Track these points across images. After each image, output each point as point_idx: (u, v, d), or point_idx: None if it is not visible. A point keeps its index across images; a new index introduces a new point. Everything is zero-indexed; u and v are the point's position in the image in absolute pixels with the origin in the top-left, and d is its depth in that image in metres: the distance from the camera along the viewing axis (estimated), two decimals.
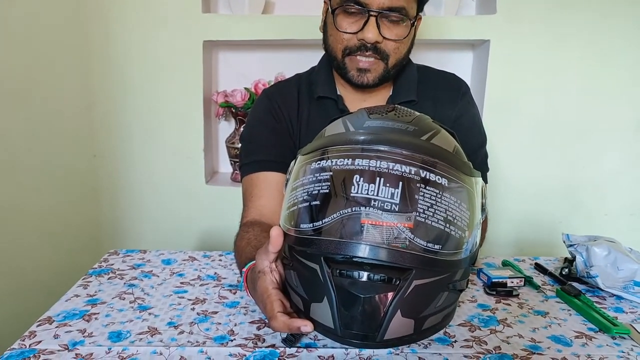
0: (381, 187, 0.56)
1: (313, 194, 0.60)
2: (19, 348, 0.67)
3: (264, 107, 1.06)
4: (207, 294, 0.85)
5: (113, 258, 1.00)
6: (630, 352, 0.69)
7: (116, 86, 1.68)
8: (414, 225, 0.56)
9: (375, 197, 0.56)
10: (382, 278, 0.57)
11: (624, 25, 1.64)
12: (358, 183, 0.57)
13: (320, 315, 0.60)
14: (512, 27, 1.63)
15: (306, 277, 0.62)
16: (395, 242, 0.56)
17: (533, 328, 0.76)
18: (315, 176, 0.61)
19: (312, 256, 0.60)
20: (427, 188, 0.57)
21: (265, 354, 0.67)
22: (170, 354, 0.66)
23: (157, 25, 1.63)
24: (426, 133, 0.63)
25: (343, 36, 0.93)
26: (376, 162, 0.58)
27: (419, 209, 0.56)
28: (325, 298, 0.59)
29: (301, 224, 0.60)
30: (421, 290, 0.58)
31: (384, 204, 0.56)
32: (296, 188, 0.63)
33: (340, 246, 0.56)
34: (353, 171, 0.58)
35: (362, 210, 0.56)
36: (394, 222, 0.55)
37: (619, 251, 0.92)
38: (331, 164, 0.60)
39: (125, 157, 1.73)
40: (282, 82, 1.13)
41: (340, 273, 0.58)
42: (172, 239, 1.74)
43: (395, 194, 0.56)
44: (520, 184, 1.75)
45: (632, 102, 1.70)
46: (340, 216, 0.57)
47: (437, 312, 0.62)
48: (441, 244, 0.58)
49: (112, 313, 0.77)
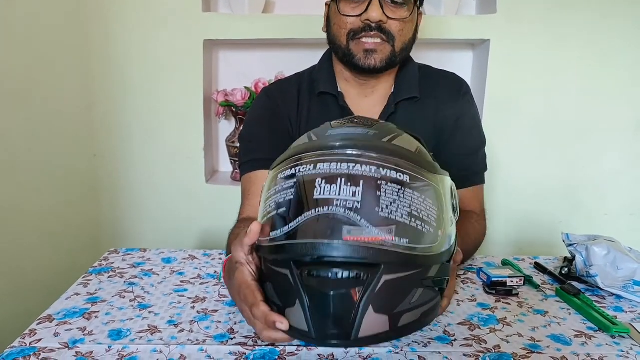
0: (342, 187, 0.57)
1: (279, 203, 0.61)
2: (19, 346, 0.67)
3: (263, 105, 1.06)
4: (207, 293, 0.85)
5: (113, 256, 1.00)
6: (629, 351, 0.69)
7: (116, 85, 1.68)
8: (378, 220, 0.57)
9: (337, 197, 0.57)
10: (351, 275, 0.57)
11: (624, 26, 1.64)
12: (320, 186, 0.58)
13: (294, 319, 0.61)
14: (513, 27, 1.63)
15: (279, 284, 0.63)
16: (360, 236, 0.56)
17: (532, 327, 0.76)
18: (281, 186, 0.62)
19: (283, 262, 0.61)
20: (389, 185, 0.58)
21: (265, 352, 0.67)
22: (170, 352, 0.67)
23: (157, 25, 1.63)
24: (387, 136, 0.64)
25: (347, 20, 0.94)
26: (337, 165, 0.59)
27: (381, 205, 0.57)
28: (297, 301, 0.59)
29: (271, 232, 0.62)
30: (392, 285, 0.59)
31: (346, 203, 0.57)
32: (266, 200, 0.65)
33: (306, 247, 0.57)
34: (315, 175, 0.59)
35: (325, 210, 0.57)
36: (357, 218, 0.56)
37: (618, 250, 0.92)
38: (295, 171, 0.61)
39: (126, 156, 1.73)
40: (282, 80, 1.13)
41: (309, 274, 0.58)
42: (172, 238, 1.74)
43: (357, 192, 0.57)
44: (520, 183, 1.75)
45: (631, 102, 1.71)
46: (305, 219, 0.58)
47: (412, 308, 0.62)
48: (407, 239, 0.58)
49: (112, 311, 0.78)
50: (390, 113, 1.02)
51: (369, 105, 1.04)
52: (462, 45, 1.78)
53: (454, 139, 1.04)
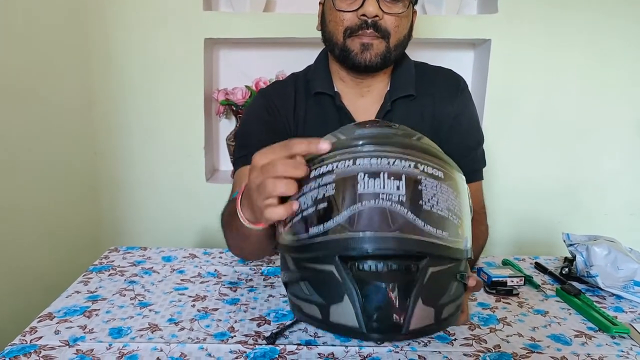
0: (386, 181, 0.57)
1: (318, 199, 0.59)
2: (19, 343, 0.67)
3: (260, 104, 1.06)
4: (208, 291, 0.85)
5: (113, 255, 1.00)
6: (629, 352, 0.70)
7: (116, 84, 1.68)
8: (423, 213, 0.57)
9: (382, 190, 0.57)
10: (401, 267, 0.58)
11: (625, 25, 1.64)
12: (364, 180, 0.58)
13: (341, 316, 0.59)
14: (514, 27, 1.63)
15: (321, 281, 0.61)
16: (407, 229, 0.57)
17: (533, 327, 0.76)
18: (317, 182, 0.60)
19: (325, 259, 0.59)
20: (428, 180, 0.59)
21: (265, 351, 0.67)
22: (170, 350, 0.67)
23: (157, 23, 1.63)
24: (414, 135, 0.65)
25: (343, 16, 0.94)
26: (377, 160, 0.59)
27: (423, 198, 0.58)
28: (345, 296, 0.58)
29: (310, 228, 0.60)
30: (436, 277, 0.59)
31: (391, 196, 0.57)
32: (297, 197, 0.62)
33: (355, 241, 0.57)
34: (356, 171, 0.59)
35: (372, 204, 0.57)
36: (404, 212, 0.57)
37: (619, 251, 0.92)
38: (332, 168, 0.60)
39: (126, 155, 1.73)
40: (278, 82, 1.13)
41: (358, 268, 0.58)
42: (173, 237, 1.74)
43: (401, 186, 0.57)
44: (521, 183, 1.75)
45: (632, 101, 1.71)
46: (350, 213, 0.57)
47: (451, 301, 0.62)
48: (448, 231, 0.59)
49: (112, 309, 0.78)
50: (386, 111, 1.01)
51: (365, 104, 1.03)
52: (463, 44, 1.78)
53: (452, 136, 1.03)
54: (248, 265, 0.97)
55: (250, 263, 0.98)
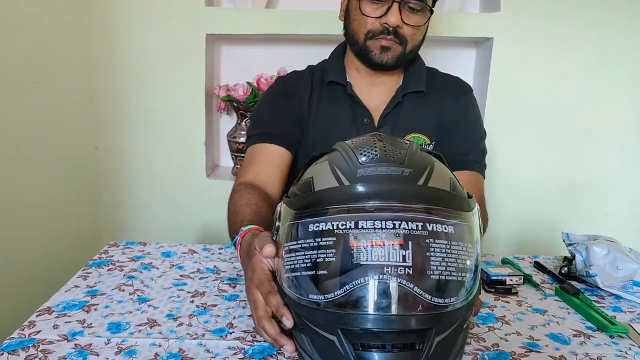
0: (391, 252, 0.54)
1: (318, 262, 0.57)
2: (18, 337, 0.67)
3: (277, 89, 1.15)
4: (207, 287, 0.85)
5: (113, 250, 1.00)
6: (628, 351, 0.69)
7: (118, 79, 1.67)
8: (430, 285, 0.55)
9: (387, 262, 0.54)
10: (405, 345, 0.56)
11: (628, 24, 1.64)
12: (366, 250, 0.55)
13: None
14: (516, 25, 1.62)
15: (322, 346, 0.59)
16: (413, 305, 0.55)
17: (531, 326, 0.76)
18: (316, 241, 0.57)
19: (327, 326, 0.57)
20: (436, 242, 0.55)
21: (263, 347, 0.67)
22: (169, 345, 0.67)
23: (160, 18, 1.63)
24: (422, 173, 0.60)
25: (367, 20, 1.00)
26: (381, 222, 0.55)
27: (431, 267, 0.55)
28: None
29: (309, 294, 0.58)
30: (443, 343, 0.57)
31: (397, 269, 0.54)
32: (295, 251, 0.60)
33: (359, 319, 0.55)
34: (358, 235, 0.55)
35: (376, 278, 0.54)
36: (410, 286, 0.54)
37: (618, 251, 0.92)
38: (332, 227, 0.56)
39: (127, 150, 1.73)
40: (297, 71, 1.20)
41: (361, 345, 0.56)
42: (173, 232, 1.74)
43: (407, 256, 0.54)
44: (521, 182, 1.75)
45: (634, 102, 1.70)
46: (353, 288, 0.55)
47: (457, 354, 0.61)
48: (457, 295, 0.57)
49: (111, 304, 0.78)
50: (397, 102, 1.08)
51: (377, 94, 1.10)
52: (465, 43, 1.77)
53: (456, 128, 1.10)
54: None
55: None
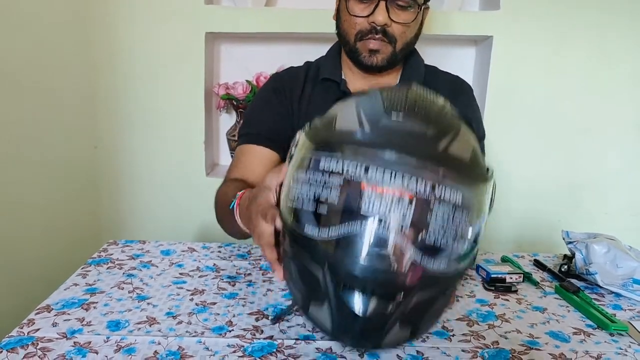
0: (393, 206, 0.54)
1: (321, 200, 0.57)
2: (17, 335, 0.67)
3: (269, 87, 1.13)
4: (206, 285, 0.85)
5: (112, 248, 1.00)
6: (627, 349, 0.69)
7: (118, 77, 1.67)
8: (425, 247, 0.55)
9: (387, 214, 0.54)
10: (385, 295, 0.56)
11: (628, 23, 1.63)
12: (370, 200, 0.54)
13: (318, 316, 0.60)
14: (516, 24, 1.62)
15: (307, 277, 0.60)
16: (403, 262, 0.55)
17: (531, 324, 0.76)
18: (324, 178, 0.57)
19: (316, 261, 0.58)
20: (441, 207, 0.55)
21: (263, 345, 0.67)
22: (168, 343, 0.67)
23: (159, 17, 1.62)
24: (445, 137, 0.59)
25: (355, 20, 0.99)
26: (391, 174, 0.54)
27: (430, 229, 0.55)
28: (325, 304, 0.58)
29: (306, 225, 0.58)
30: (422, 302, 0.58)
31: (394, 226, 0.54)
32: (302, 182, 0.60)
33: (347, 264, 0.55)
34: (366, 181, 0.55)
35: (372, 228, 0.54)
36: (404, 242, 0.54)
37: (618, 249, 0.92)
38: (342, 168, 0.56)
39: (126, 148, 1.72)
40: (292, 67, 1.18)
41: (343, 286, 0.56)
42: (172, 231, 1.74)
43: (408, 214, 0.54)
44: (521, 180, 1.75)
45: (634, 101, 1.70)
46: (349, 232, 0.55)
47: (432, 317, 0.63)
48: (449, 262, 0.57)
49: (110, 302, 0.77)
50: None
51: None
52: (465, 41, 1.77)
53: None
54: (247, 259, 0.97)
55: (249, 257, 0.98)
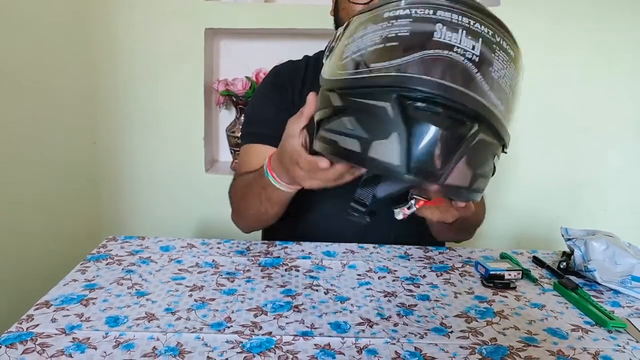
0: (463, 38, 0.56)
1: (389, 37, 0.58)
2: (16, 331, 0.67)
3: (269, 83, 1.13)
4: (205, 281, 0.85)
5: (111, 244, 1.00)
6: (625, 346, 0.70)
7: (117, 74, 1.67)
8: (490, 80, 0.57)
9: (458, 44, 0.56)
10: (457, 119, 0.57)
11: (629, 20, 1.63)
12: (441, 30, 0.56)
13: (383, 152, 0.58)
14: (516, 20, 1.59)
15: (370, 117, 0.60)
16: (473, 87, 0.56)
17: (529, 320, 0.76)
18: (390, 22, 0.59)
19: (381, 95, 0.58)
20: (502, 52, 0.58)
21: (262, 341, 0.67)
22: (167, 339, 0.67)
23: (158, 13, 1.62)
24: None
25: (354, 7, 0.98)
26: (458, 16, 0.57)
27: (494, 67, 0.57)
28: (393, 134, 0.57)
29: (371, 64, 0.59)
30: (483, 145, 0.59)
31: (465, 52, 0.56)
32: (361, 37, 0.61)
33: (420, 82, 0.56)
34: (435, 19, 0.57)
35: (445, 53, 0.56)
36: (474, 70, 0.56)
37: (617, 246, 0.92)
38: (410, 12, 0.58)
39: (126, 145, 1.73)
40: (293, 60, 1.18)
41: (415, 107, 0.57)
42: (172, 227, 1.74)
43: (476, 47, 0.56)
44: (521, 178, 1.75)
45: (634, 99, 1.70)
46: (422, 56, 0.56)
47: (484, 176, 0.63)
48: (504, 106, 0.59)
49: (109, 298, 0.77)
50: None
51: None
52: None
53: None
54: (246, 256, 0.97)
55: (248, 253, 0.98)
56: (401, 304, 0.79)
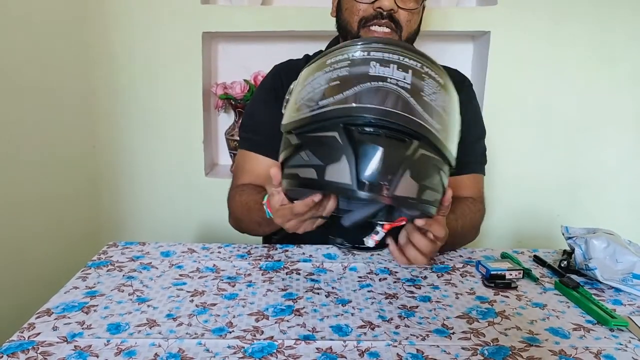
0: (395, 71, 0.65)
1: (331, 78, 0.67)
2: (17, 340, 0.67)
3: (269, 85, 1.13)
4: (206, 286, 0.85)
5: (112, 250, 1.00)
6: (628, 344, 0.70)
7: (115, 77, 1.67)
8: (423, 103, 0.65)
9: (390, 76, 0.65)
10: (397, 136, 0.65)
11: (628, 18, 1.63)
12: (375, 66, 0.66)
13: (336, 174, 0.65)
14: (513, 19, 1.62)
15: (322, 146, 0.67)
16: (408, 110, 0.64)
17: (531, 320, 0.76)
18: (332, 67, 0.68)
19: (330, 126, 0.66)
20: (430, 80, 0.67)
21: (263, 346, 0.67)
22: (168, 345, 0.67)
23: (156, 17, 1.62)
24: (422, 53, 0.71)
25: (359, 7, 0.98)
26: (389, 54, 0.67)
27: (426, 92, 0.66)
28: (343, 157, 0.65)
29: (321, 101, 0.67)
30: (425, 160, 0.67)
31: (397, 82, 0.65)
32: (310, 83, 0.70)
33: (361, 110, 0.64)
34: (369, 59, 0.66)
35: (380, 84, 0.64)
36: (407, 96, 0.64)
37: (617, 244, 0.92)
38: (347, 56, 0.68)
39: (125, 148, 1.73)
40: (292, 60, 1.17)
41: (360, 132, 0.65)
42: (171, 231, 1.74)
43: (407, 77, 0.65)
44: (520, 177, 1.75)
45: (633, 96, 1.70)
46: (360, 88, 0.65)
47: (432, 189, 0.69)
48: (440, 125, 0.67)
49: (110, 305, 0.77)
50: None
51: None
52: (462, 37, 1.77)
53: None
54: (247, 260, 0.97)
55: (249, 258, 0.98)
56: (402, 306, 0.79)
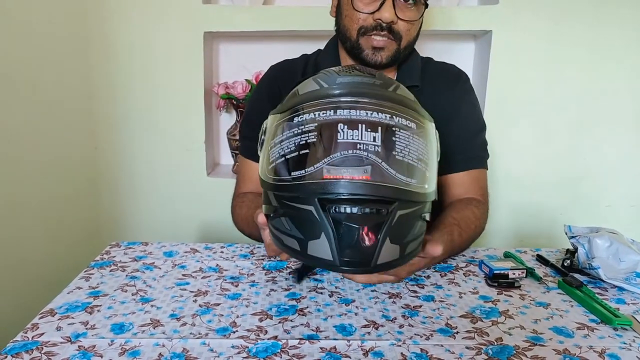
0: (364, 132, 0.63)
1: (301, 145, 0.65)
2: (21, 340, 0.67)
3: (266, 88, 1.12)
4: (209, 286, 0.85)
5: (115, 250, 1.00)
6: (632, 344, 0.69)
7: (117, 78, 1.67)
8: (395, 164, 0.64)
9: (360, 141, 0.63)
10: (373, 210, 0.64)
11: (628, 16, 1.63)
12: (343, 130, 0.64)
13: (318, 250, 0.65)
14: (515, 18, 1.62)
15: (300, 219, 0.67)
16: (381, 178, 0.63)
17: (535, 319, 0.76)
18: (300, 129, 0.66)
19: (305, 199, 0.65)
20: (401, 132, 0.65)
21: (267, 346, 0.67)
22: (172, 345, 0.67)
23: (157, 17, 1.62)
24: (391, 85, 0.71)
25: (359, 16, 0.98)
26: (356, 112, 0.65)
27: (397, 149, 0.64)
28: (322, 234, 0.64)
29: (292, 171, 0.66)
30: (404, 219, 0.66)
31: (367, 147, 0.63)
32: (280, 142, 0.68)
33: (333, 186, 0.63)
34: (337, 120, 0.64)
35: (350, 153, 0.63)
36: (378, 161, 0.63)
37: (621, 242, 0.92)
38: (315, 116, 0.66)
39: (126, 149, 1.73)
40: (290, 60, 1.17)
41: (335, 209, 0.64)
42: (173, 231, 1.74)
43: (377, 138, 0.63)
44: (521, 174, 1.75)
45: (634, 93, 1.70)
46: (331, 160, 0.63)
47: (414, 239, 0.70)
48: (416, 179, 0.66)
49: (114, 305, 0.77)
50: None
51: None
52: (464, 36, 1.77)
53: (452, 123, 1.05)
54: (250, 259, 0.97)
55: (252, 257, 0.98)
56: (406, 305, 0.79)
